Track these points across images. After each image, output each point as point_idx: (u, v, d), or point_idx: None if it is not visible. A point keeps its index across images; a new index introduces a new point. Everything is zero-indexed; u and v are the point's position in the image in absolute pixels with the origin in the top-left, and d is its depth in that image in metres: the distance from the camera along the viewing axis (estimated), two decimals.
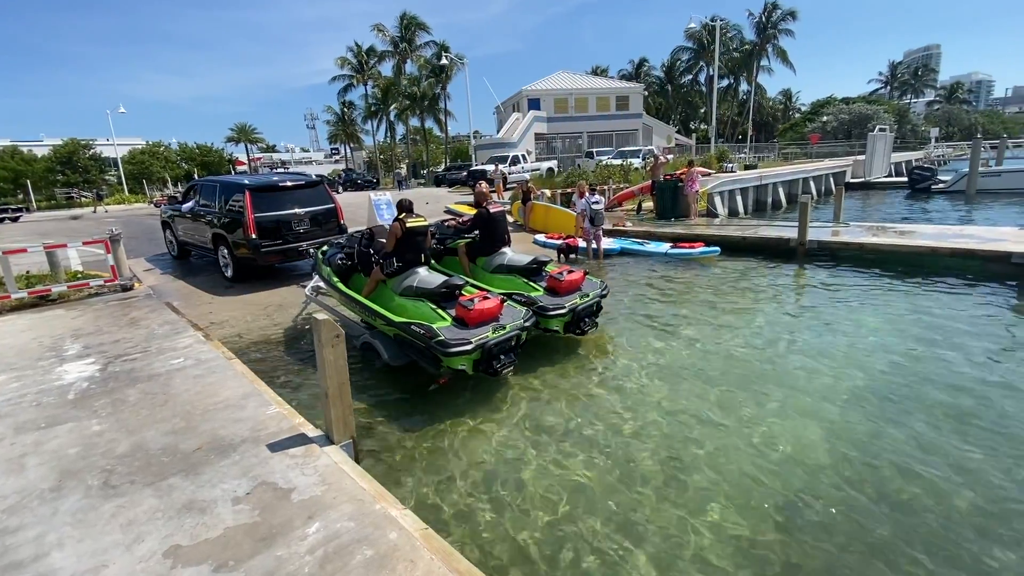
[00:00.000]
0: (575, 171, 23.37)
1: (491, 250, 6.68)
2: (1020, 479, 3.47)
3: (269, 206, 8.65)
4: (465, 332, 4.73)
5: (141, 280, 9.37)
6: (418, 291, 5.37)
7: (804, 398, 4.67)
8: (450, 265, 6.93)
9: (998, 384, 4.77)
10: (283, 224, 8.77)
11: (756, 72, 48.67)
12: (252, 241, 8.39)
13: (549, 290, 6.00)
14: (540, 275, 6.32)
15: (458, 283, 5.35)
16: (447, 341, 4.53)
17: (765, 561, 2.90)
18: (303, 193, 9.17)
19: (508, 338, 4.86)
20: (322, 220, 9.23)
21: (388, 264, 5.63)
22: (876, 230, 11.08)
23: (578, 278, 6.10)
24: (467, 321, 4.86)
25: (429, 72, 42.42)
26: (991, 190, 21.31)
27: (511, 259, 6.58)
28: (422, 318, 4.99)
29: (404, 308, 5.36)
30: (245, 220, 8.38)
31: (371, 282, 5.83)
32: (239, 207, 8.60)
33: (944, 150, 40.57)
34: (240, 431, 3.68)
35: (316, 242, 8.62)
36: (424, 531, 2.64)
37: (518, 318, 5.15)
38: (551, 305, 5.67)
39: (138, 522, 2.76)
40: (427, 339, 4.58)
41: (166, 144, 49.24)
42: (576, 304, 5.78)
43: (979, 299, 7.35)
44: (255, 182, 8.97)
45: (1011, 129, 63.39)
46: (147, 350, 5.48)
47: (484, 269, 6.68)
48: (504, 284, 6.28)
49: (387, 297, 5.65)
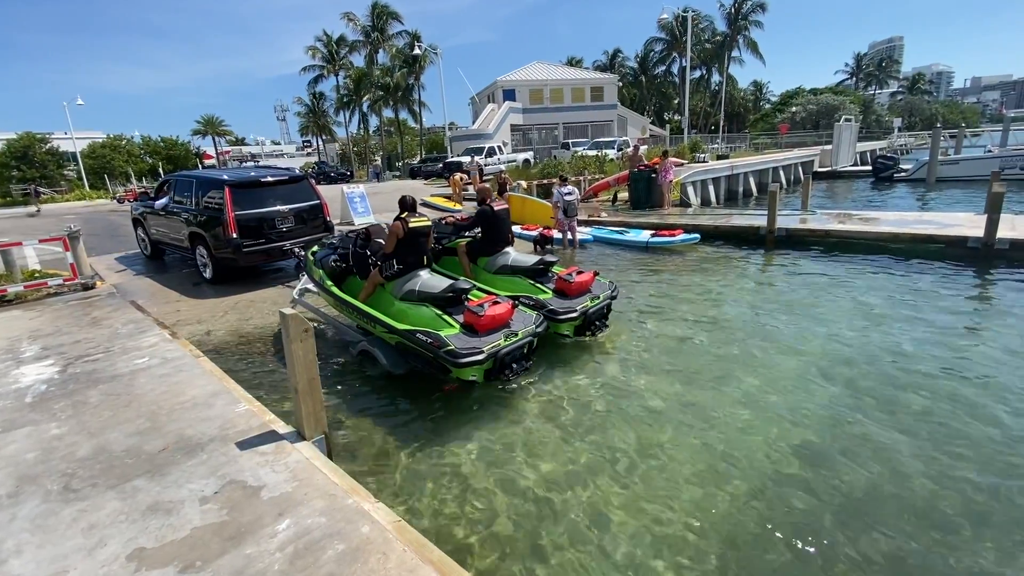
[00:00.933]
0: (551, 162, 23.39)
1: (494, 250, 6.35)
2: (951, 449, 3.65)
3: (250, 203, 8.13)
4: (475, 340, 4.43)
5: (104, 279, 9.04)
6: (421, 295, 5.06)
7: (777, 376, 4.80)
8: (448, 265, 6.60)
9: (949, 359, 4.99)
10: (266, 222, 8.25)
11: (727, 63, 49.32)
12: (233, 241, 7.86)
13: (558, 292, 5.70)
14: (546, 276, 6.03)
15: (465, 287, 5.03)
16: (457, 351, 4.22)
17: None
18: (286, 189, 8.66)
19: (520, 345, 4.60)
20: (307, 217, 8.75)
21: (388, 266, 5.29)
22: (842, 217, 11.41)
23: (588, 279, 5.78)
24: (476, 328, 4.56)
25: (402, 62, 41.75)
26: (950, 178, 22.13)
27: (515, 259, 6.25)
28: (427, 325, 4.70)
29: (405, 314, 5.04)
30: (225, 218, 7.83)
31: (369, 286, 5.50)
32: (217, 204, 8.07)
33: (907, 139, 41.94)
34: (208, 430, 3.60)
35: (301, 241, 8.26)
36: (397, 523, 2.64)
37: (529, 323, 4.85)
38: (561, 308, 5.38)
39: (100, 526, 2.69)
40: (435, 349, 4.28)
41: (128, 137, 47.46)
42: (587, 307, 5.50)
43: (936, 281, 7.66)
44: (235, 177, 8.39)
45: (969, 119, 65.82)
46: (110, 350, 5.30)
47: (486, 270, 6.35)
48: (508, 286, 5.96)
49: (386, 302, 5.33)
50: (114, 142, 44.29)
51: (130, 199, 28.58)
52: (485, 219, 6.33)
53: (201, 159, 52.65)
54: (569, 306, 5.44)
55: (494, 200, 6.40)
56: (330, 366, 5.54)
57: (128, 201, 28.06)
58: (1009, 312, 6.28)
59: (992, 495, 3.23)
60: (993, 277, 7.69)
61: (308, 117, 52.96)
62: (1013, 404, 4.21)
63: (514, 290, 5.79)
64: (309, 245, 8.42)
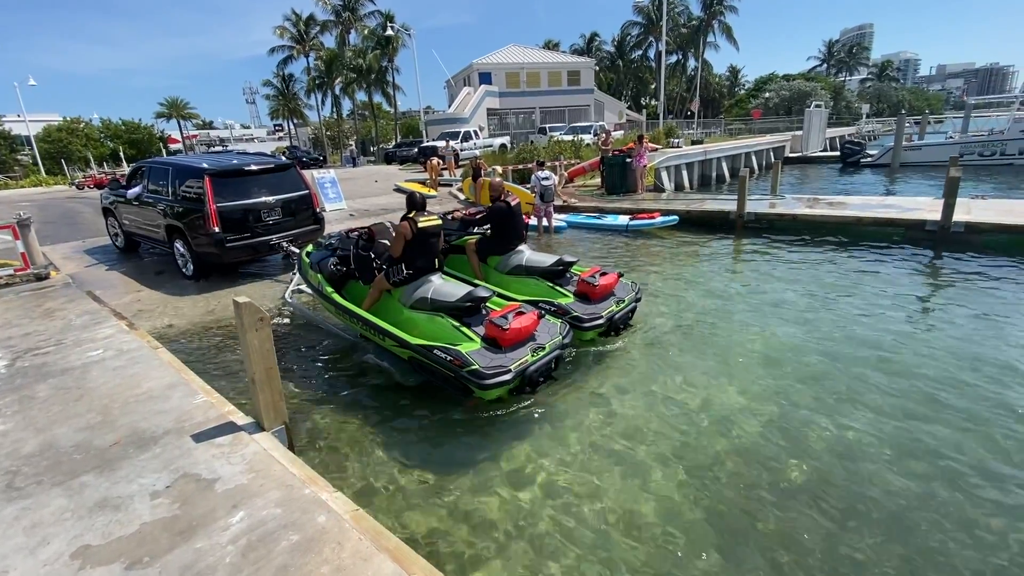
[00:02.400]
0: (527, 147, 23.24)
1: (507, 248, 5.85)
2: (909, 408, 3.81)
3: (233, 194, 7.48)
4: (500, 357, 3.98)
5: (59, 268, 8.67)
6: (435, 304, 4.56)
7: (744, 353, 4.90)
8: (454, 264, 6.16)
9: (904, 333, 5.18)
10: (251, 214, 7.60)
11: (703, 48, 49.53)
12: (215, 235, 7.23)
13: (580, 296, 5.23)
14: (564, 277, 5.56)
15: (484, 295, 4.51)
16: (483, 372, 3.78)
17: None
18: (272, 178, 8.00)
19: (548, 360, 4.19)
20: (295, 209, 8.12)
21: (395, 271, 4.82)
22: (810, 202, 11.64)
23: (612, 281, 5.31)
24: (500, 342, 4.09)
25: (375, 44, 40.67)
26: (913, 163, 22.78)
27: (530, 259, 5.72)
28: (442, 338, 4.28)
29: (415, 324, 4.61)
30: (206, 210, 7.17)
31: (374, 292, 5.03)
32: (197, 195, 7.39)
33: (874, 126, 42.94)
34: (163, 423, 3.50)
35: (289, 235, 7.85)
36: (355, 512, 2.61)
37: (555, 334, 4.39)
38: (587, 315, 4.92)
39: (44, 524, 2.59)
40: (456, 368, 3.86)
41: (87, 120, 45.44)
42: (612, 311, 5.08)
43: (895, 262, 7.91)
44: (215, 165, 7.68)
45: (934, 106, 67.78)
46: (62, 343, 5.10)
47: (497, 270, 5.87)
48: (523, 288, 5.53)
49: (394, 310, 4.88)
50: (71, 125, 42.38)
51: (90, 185, 27.49)
52: (500, 216, 5.85)
53: (166, 143, 50.71)
54: (594, 312, 4.98)
55: (508, 195, 5.89)
56: (307, 358, 5.40)
57: (88, 187, 26.96)
58: (952, 292, 6.53)
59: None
60: (944, 260, 7.97)
61: (278, 100, 51.32)
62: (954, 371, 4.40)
63: (531, 293, 5.38)
64: (299, 240, 7.97)
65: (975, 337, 5.22)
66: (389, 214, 13.39)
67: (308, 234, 8.21)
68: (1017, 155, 20.58)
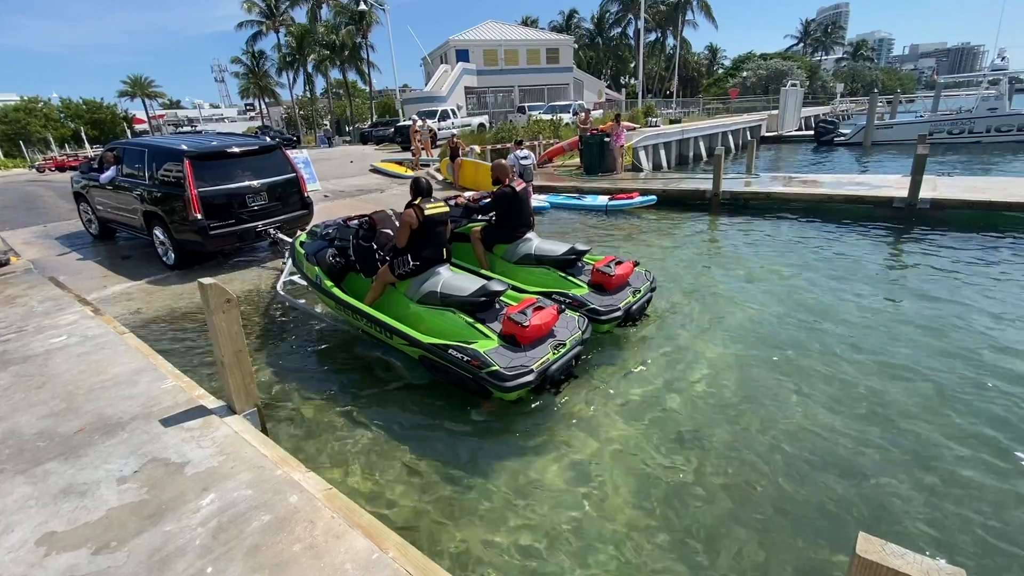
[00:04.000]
0: (505, 126, 22.96)
1: (514, 236, 5.56)
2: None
3: (215, 177, 7.06)
4: (520, 355, 3.75)
5: (19, 254, 8.35)
6: (445, 298, 4.29)
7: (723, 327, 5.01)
8: (458, 253, 5.76)
9: (868, 308, 5.35)
10: (235, 200, 7.21)
11: (682, 26, 49.29)
12: (198, 222, 6.81)
13: (594, 286, 4.96)
14: (576, 266, 5.29)
15: (498, 288, 4.21)
16: (503, 373, 3.54)
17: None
18: (256, 160, 7.56)
19: (570, 357, 3.98)
20: (281, 193, 7.73)
21: (401, 263, 4.51)
22: (784, 180, 11.81)
23: (627, 270, 5.05)
24: (519, 340, 3.85)
25: (348, 19, 39.44)
26: (884, 141, 23.23)
27: (540, 247, 5.44)
28: (455, 335, 4.01)
29: (423, 319, 4.33)
30: (186, 195, 6.77)
31: (377, 286, 4.73)
32: (175, 179, 6.98)
33: (848, 105, 43.47)
34: (130, 408, 3.43)
35: (276, 220, 7.54)
36: (327, 491, 2.62)
37: (575, 329, 4.16)
38: (603, 307, 4.65)
39: (7, 512, 2.54)
40: (475, 369, 3.62)
41: (46, 100, 43.32)
42: (629, 303, 4.83)
43: (862, 238, 8.12)
44: (195, 147, 7.22)
45: (906, 85, 68.87)
46: (23, 329, 4.94)
47: (505, 259, 5.58)
48: (532, 278, 5.25)
49: (399, 304, 4.58)
50: (29, 105, 40.44)
51: (51, 168, 26.39)
52: (506, 201, 5.50)
53: (131, 124, 48.73)
54: (611, 303, 4.72)
55: (514, 179, 5.58)
56: (298, 347, 5.27)
57: (49, 170, 25.87)
58: (910, 265, 6.75)
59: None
60: (910, 235, 8.21)
61: (248, 78, 49.57)
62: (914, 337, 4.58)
63: (542, 284, 5.12)
64: (287, 227, 7.72)
65: (934, 307, 5.41)
66: (365, 195, 13.17)
67: (296, 220, 7.95)
68: (984, 133, 21.13)
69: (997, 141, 20.80)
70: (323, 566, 2.15)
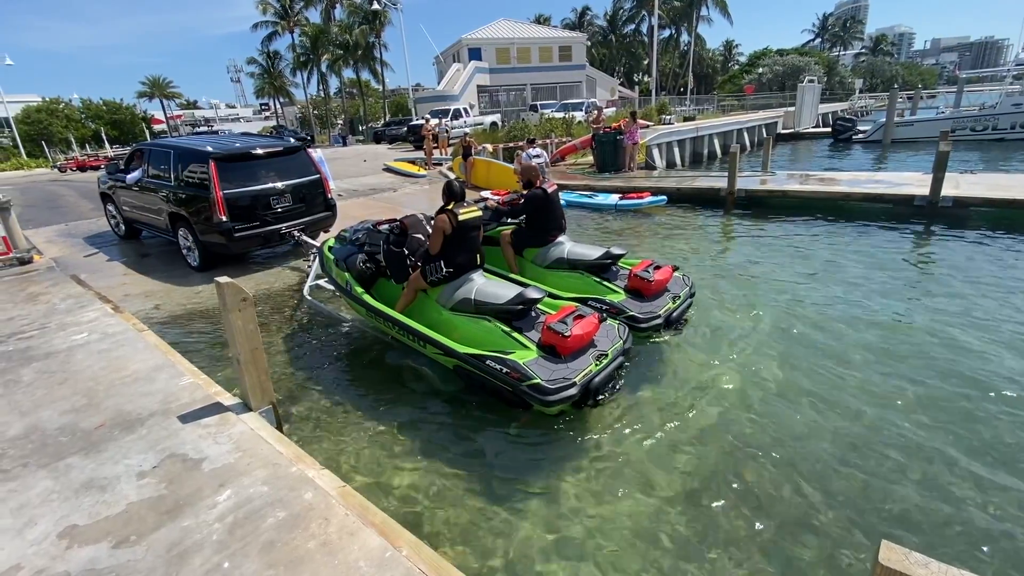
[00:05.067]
0: (518, 124, 22.93)
1: (545, 240, 5.39)
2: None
3: (240, 179, 7.01)
4: (561, 367, 3.57)
5: (42, 252, 8.54)
6: (480, 306, 4.14)
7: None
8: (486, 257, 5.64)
9: (888, 308, 5.24)
10: (259, 201, 7.16)
11: (696, 22, 48.75)
12: (223, 224, 6.78)
13: (632, 292, 4.76)
14: (611, 271, 5.10)
15: (535, 296, 4.02)
16: (545, 387, 3.37)
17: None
18: (280, 161, 7.51)
19: (613, 369, 3.78)
20: (306, 195, 7.65)
21: (433, 269, 4.37)
22: (801, 178, 11.64)
23: (667, 275, 4.82)
24: (560, 350, 3.67)
25: (361, 19, 39.68)
26: (905, 139, 22.77)
27: (573, 251, 5.24)
28: (491, 345, 3.88)
29: (455, 327, 4.20)
30: (212, 197, 6.74)
31: (408, 292, 4.60)
32: (200, 180, 6.96)
33: (867, 101, 42.63)
34: (149, 405, 3.49)
35: (300, 223, 7.51)
36: (341, 488, 2.64)
37: (615, 338, 3.96)
38: (643, 315, 4.45)
39: (31, 505, 2.60)
40: (515, 382, 3.46)
41: (67, 100, 44.22)
42: (669, 309, 4.63)
43: (882, 236, 7.97)
44: (220, 148, 7.19)
45: (928, 81, 67.23)
46: (45, 326, 5.05)
47: (536, 264, 5.42)
48: (563, 283, 5.07)
49: (431, 311, 4.46)
50: (51, 106, 41.28)
51: (72, 168, 26.93)
52: (537, 204, 5.33)
53: (149, 124, 49.59)
54: (650, 311, 4.51)
55: (546, 181, 5.40)
56: (314, 344, 5.30)
57: (70, 170, 26.41)
58: (937, 265, 6.59)
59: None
60: (932, 234, 8.03)
61: (264, 78, 50.13)
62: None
63: (575, 289, 4.94)
64: (310, 229, 7.71)
65: (956, 310, 5.29)
66: (378, 194, 13.25)
67: (320, 222, 7.94)
68: (1009, 130, 20.60)
69: (1022, 138, 20.27)
70: (337, 563, 2.16)
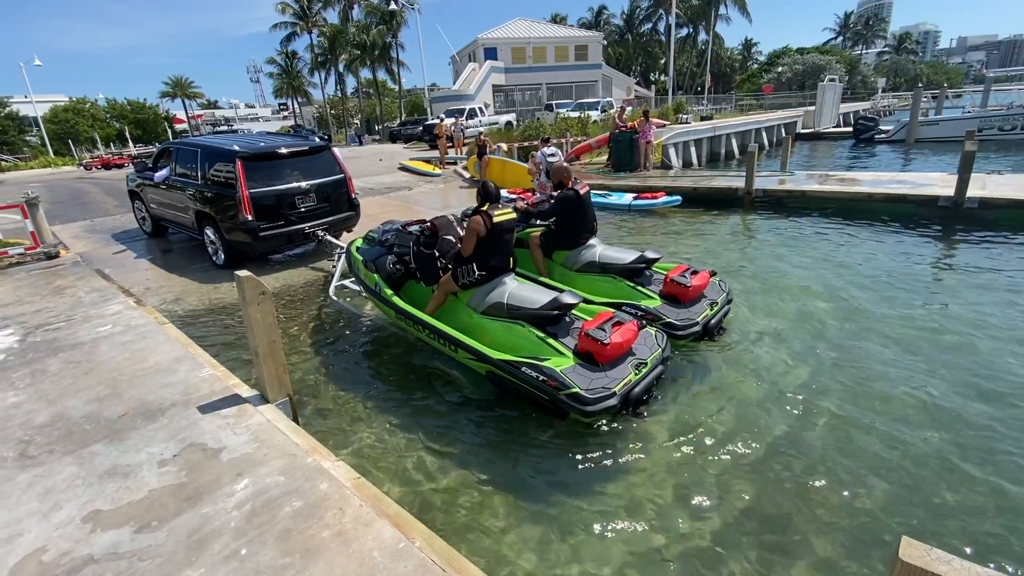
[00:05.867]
0: (532, 124, 22.93)
1: (576, 242, 5.25)
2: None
3: (266, 178, 7.00)
4: (600, 376, 3.43)
5: (68, 247, 8.77)
6: (513, 310, 4.01)
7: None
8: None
9: (910, 311, 5.13)
10: (284, 201, 7.13)
11: (714, 21, 48.20)
12: (249, 224, 6.78)
13: (668, 297, 4.58)
14: (644, 276, 4.93)
15: (571, 301, 3.88)
16: (585, 396, 3.24)
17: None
18: (305, 161, 7.46)
19: (653, 378, 3.66)
20: (330, 194, 7.61)
21: (465, 272, 4.26)
22: (820, 178, 11.45)
23: (704, 281, 4.63)
24: (598, 358, 3.53)
25: (378, 19, 40.01)
26: (929, 139, 22.23)
27: (605, 255, 5.10)
28: (525, 350, 3.76)
29: (486, 331, 4.09)
30: (238, 196, 6.73)
31: (439, 295, 4.50)
32: (227, 179, 6.96)
33: (890, 100, 41.78)
34: (170, 395, 3.57)
35: (324, 222, 7.50)
36: (356, 480, 2.67)
37: (654, 346, 3.82)
38: (680, 322, 4.31)
39: (57, 490, 2.68)
40: (552, 390, 3.34)
41: (92, 100, 45.34)
42: (708, 316, 4.46)
43: (905, 238, 7.79)
44: (246, 147, 7.15)
45: (953, 80, 65.73)
46: (71, 319, 5.19)
47: (566, 267, 5.29)
48: (595, 287, 4.94)
49: (462, 314, 4.35)
50: (77, 105, 42.39)
51: (97, 166, 27.62)
52: (568, 205, 5.18)
53: (171, 124, 50.61)
54: (688, 318, 4.36)
55: (577, 182, 5.28)
56: (337, 342, 5.32)
57: (95, 168, 27.08)
58: (961, 268, 6.43)
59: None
60: (956, 235, 7.84)
61: (282, 78, 50.88)
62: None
63: (608, 294, 4.78)
64: (334, 229, 7.72)
65: (988, 311, 5.16)
66: (394, 192, 13.35)
67: (344, 221, 7.94)
68: None
69: None
70: (352, 552, 2.19)
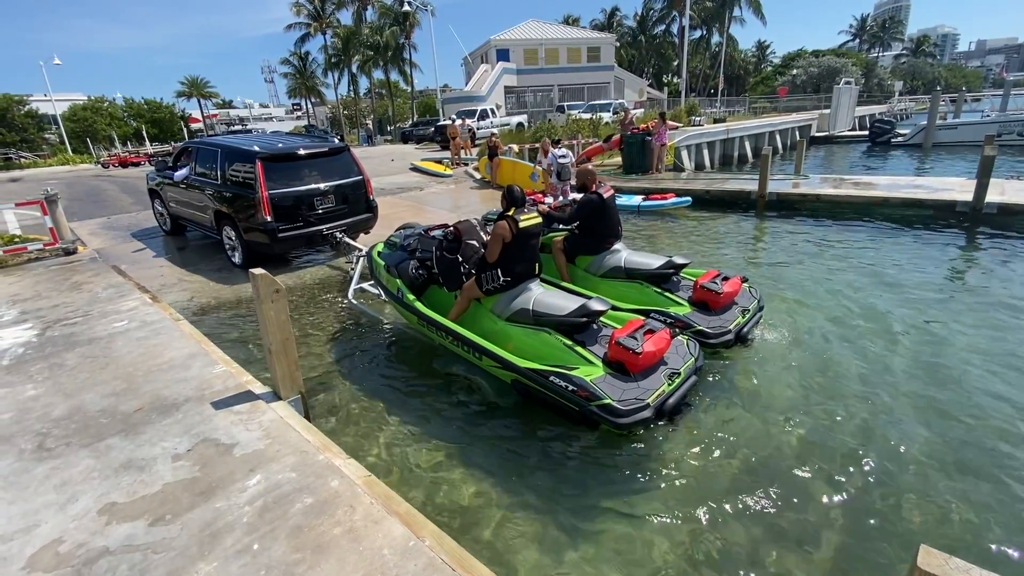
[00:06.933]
0: (544, 125, 22.91)
1: (601, 247, 5.13)
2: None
3: (285, 179, 6.99)
4: (632, 386, 3.32)
5: (86, 244, 8.92)
6: (539, 317, 3.91)
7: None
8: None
9: (920, 317, 5.05)
10: (303, 202, 7.12)
11: (728, 23, 47.88)
12: (268, 225, 6.78)
13: (698, 304, 4.46)
14: (672, 282, 4.82)
15: (599, 308, 3.75)
16: (618, 408, 3.14)
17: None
18: (324, 162, 7.45)
19: (687, 389, 3.51)
20: (349, 196, 7.60)
21: (490, 278, 4.16)
22: (835, 182, 11.32)
23: (736, 287, 4.51)
24: (629, 368, 3.42)
25: (391, 20, 40.28)
26: (947, 143, 21.90)
27: (631, 260, 4.95)
28: (552, 359, 3.65)
29: (511, 338, 3.98)
30: (257, 197, 6.73)
31: (462, 301, 4.40)
32: (246, 179, 6.96)
33: (907, 104, 41.25)
34: (184, 391, 3.61)
35: (342, 224, 7.49)
36: (367, 478, 2.68)
37: (687, 355, 3.71)
38: (712, 330, 4.17)
39: (73, 482, 2.72)
40: (582, 400, 3.23)
41: (110, 99, 46.08)
42: (740, 324, 4.33)
43: (923, 243, 7.68)
44: (266, 148, 7.16)
45: (972, 83, 64.75)
46: (88, 314, 5.27)
47: (589, 272, 5.17)
48: (620, 293, 4.79)
49: (486, 321, 4.25)
50: (95, 104, 43.08)
51: (114, 164, 28.06)
52: (592, 209, 5.06)
53: (187, 123, 51.31)
54: (720, 325, 4.23)
55: (602, 186, 5.16)
56: (347, 340, 5.36)
57: (112, 166, 27.53)
58: (984, 274, 6.32)
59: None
60: (975, 241, 7.70)
61: (296, 79, 51.36)
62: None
63: (633, 300, 4.66)
64: (351, 230, 7.74)
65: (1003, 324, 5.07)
66: (405, 192, 13.40)
67: (362, 223, 7.95)
68: None
69: None
70: (362, 549, 2.20)
